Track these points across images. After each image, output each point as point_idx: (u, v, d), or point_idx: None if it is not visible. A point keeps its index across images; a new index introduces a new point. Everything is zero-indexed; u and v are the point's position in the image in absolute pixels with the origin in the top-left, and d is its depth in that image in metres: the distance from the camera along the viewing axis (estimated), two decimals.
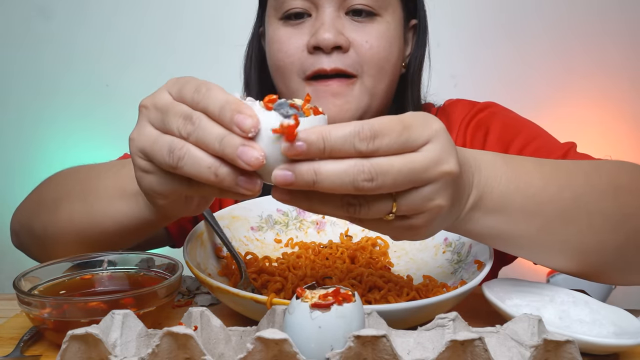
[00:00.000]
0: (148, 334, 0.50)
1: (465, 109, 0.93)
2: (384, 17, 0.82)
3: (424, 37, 0.91)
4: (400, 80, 0.90)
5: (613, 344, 0.52)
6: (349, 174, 0.43)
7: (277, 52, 0.84)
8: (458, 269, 0.69)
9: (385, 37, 0.82)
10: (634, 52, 1.93)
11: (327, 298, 0.45)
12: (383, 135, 0.43)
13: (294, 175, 0.43)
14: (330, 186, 0.43)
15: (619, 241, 0.60)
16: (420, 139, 0.45)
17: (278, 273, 0.68)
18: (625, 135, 1.94)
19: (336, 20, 0.80)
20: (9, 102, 2.03)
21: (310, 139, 0.42)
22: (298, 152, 0.42)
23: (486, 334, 0.50)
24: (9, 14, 2.00)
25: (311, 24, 0.81)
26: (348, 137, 0.43)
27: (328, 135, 0.43)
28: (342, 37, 0.79)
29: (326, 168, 0.43)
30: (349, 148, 0.43)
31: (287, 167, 0.43)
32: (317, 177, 0.43)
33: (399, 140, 0.44)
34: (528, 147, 0.83)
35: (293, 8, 0.81)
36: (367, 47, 0.80)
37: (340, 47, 0.79)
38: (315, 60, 0.80)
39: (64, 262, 0.65)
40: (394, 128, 0.44)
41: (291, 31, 0.83)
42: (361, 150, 0.43)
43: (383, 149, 0.44)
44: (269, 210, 0.79)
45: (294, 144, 0.42)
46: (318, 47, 0.79)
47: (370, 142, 0.43)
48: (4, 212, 0.95)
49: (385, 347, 0.43)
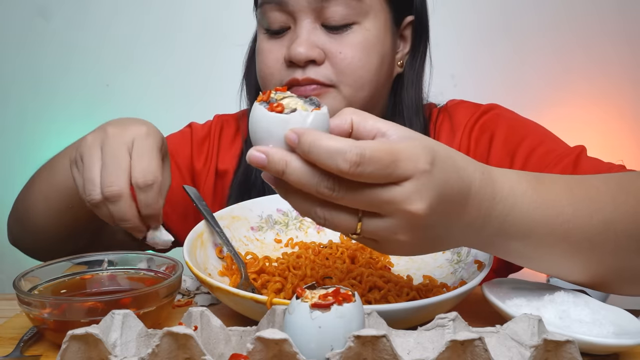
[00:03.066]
0: (148, 334, 0.50)
1: (469, 111, 0.91)
2: (362, 24, 0.81)
3: (421, 34, 0.90)
4: (398, 79, 0.89)
5: (613, 344, 0.52)
6: (315, 177, 0.45)
7: (260, 63, 0.86)
8: (458, 269, 0.69)
9: (362, 46, 0.81)
10: (633, 53, 1.93)
11: (327, 298, 0.45)
12: (368, 164, 0.44)
13: (267, 160, 0.46)
14: (296, 182, 0.46)
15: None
16: (403, 174, 0.46)
17: (278, 273, 0.68)
18: (625, 135, 1.94)
19: (312, 33, 0.80)
20: (9, 102, 2.03)
21: (301, 138, 0.45)
22: (292, 142, 0.45)
23: (486, 334, 0.50)
24: (9, 14, 2.00)
25: (289, 37, 0.82)
26: (333, 154, 0.44)
27: (315, 142, 0.44)
28: (316, 50, 0.79)
29: (296, 164, 0.45)
30: (330, 163, 0.44)
31: (263, 150, 0.46)
32: (286, 169, 0.45)
33: (383, 172, 0.45)
34: (535, 151, 0.82)
35: (273, 23, 0.82)
36: (341, 57, 0.80)
37: (314, 60, 0.80)
38: (291, 72, 0.81)
39: (64, 262, 0.65)
40: (382, 159, 0.44)
41: (272, 44, 0.83)
42: (341, 170, 0.44)
43: (365, 176, 0.44)
44: (269, 210, 0.79)
45: (290, 134, 0.45)
46: (292, 60, 0.80)
47: (354, 166, 0.44)
48: (4, 212, 0.95)
49: (385, 347, 0.43)
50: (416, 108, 0.90)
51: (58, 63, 1.99)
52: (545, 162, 0.80)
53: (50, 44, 1.99)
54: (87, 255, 0.67)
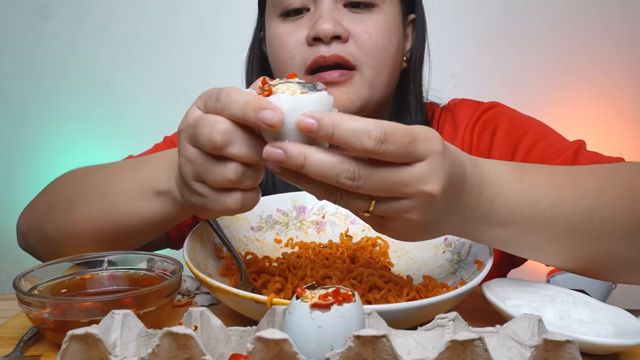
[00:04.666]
0: (148, 334, 0.50)
1: (471, 109, 0.93)
2: (381, 7, 0.83)
3: (422, 32, 0.91)
4: (402, 74, 0.91)
5: (613, 344, 0.52)
6: (335, 168, 0.46)
7: (277, 49, 0.85)
8: (458, 269, 0.69)
9: (384, 27, 0.83)
10: (634, 53, 1.92)
11: (327, 298, 0.45)
12: (392, 142, 0.45)
13: (285, 155, 0.46)
14: (316, 174, 0.46)
15: (633, 245, 0.60)
16: (420, 154, 0.47)
17: (278, 273, 0.68)
18: (625, 135, 1.93)
19: (334, 12, 0.81)
20: (9, 102, 2.03)
21: (322, 121, 0.45)
22: (308, 127, 0.45)
23: (486, 334, 0.50)
24: (8, 14, 2.00)
25: (309, 18, 0.82)
26: (357, 132, 0.44)
27: (339, 124, 0.45)
28: (341, 27, 0.80)
29: (316, 157, 0.46)
30: (355, 142, 0.45)
31: (280, 145, 0.46)
32: (305, 163, 0.46)
33: (403, 150, 0.46)
34: (536, 146, 0.83)
35: (292, 3, 0.82)
36: (366, 37, 0.81)
37: (340, 37, 0.80)
38: (315, 50, 0.81)
39: (64, 262, 0.65)
40: (403, 137, 0.46)
41: (291, 27, 0.83)
42: (367, 148, 0.45)
43: (387, 154, 0.45)
44: (269, 210, 0.79)
45: (306, 119, 0.45)
46: (317, 37, 0.80)
47: (379, 143, 0.44)
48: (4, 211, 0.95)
49: (385, 347, 0.43)
50: (417, 104, 0.91)
51: (57, 63, 1.99)
52: (546, 156, 0.80)
53: (49, 43, 1.99)
54: (87, 255, 0.66)
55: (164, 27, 1.96)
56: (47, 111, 2.01)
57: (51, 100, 2.01)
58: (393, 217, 0.50)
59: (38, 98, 2.02)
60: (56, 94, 2.00)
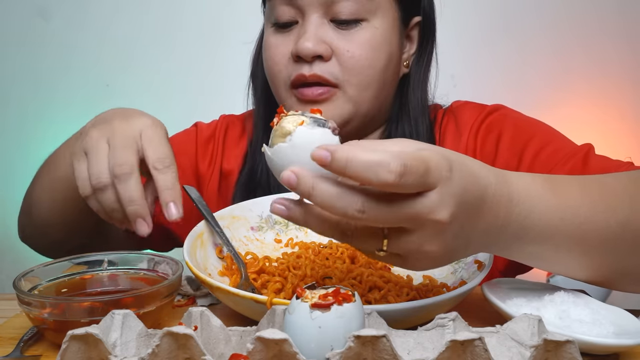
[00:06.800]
0: (148, 334, 0.50)
1: (474, 112, 0.91)
2: (371, 22, 0.81)
3: (428, 35, 0.90)
4: (404, 79, 0.89)
5: (613, 344, 0.52)
6: (342, 200, 0.44)
7: (267, 59, 0.85)
8: (458, 269, 0.69)
9: (370, 44, 0.81)
10: (633, 53, 1.93)
11: (327, 298, 0.45)
12: (410, 174, 0.43)
13: (297, 181, 0.45)
14: (322, 204, 0.45)
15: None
16: (432, 183, 0.45)
17: (278, 273, 0.68)
18: (625, 135, 1.93)
19: (320, 28, 0.80)
20: (9, 102, 2.03)
21: (337, 154, 0.43)
22: (322, 160, 0.43)
23: (486, 334, 0.50)
24: (9, 14, 2.00)
25: (297, 31, 0.82)
26: (373, 166, 0.42)
27: (354, 157, 0.42)
28: (323, 45, 0.79)
29: (323, 187, 0.44)
30: (370, 176, 0.42)
31: (295, 170, 0.45)
32: (312, 192, 0.44)
33: (418, 182, 0.43)
34: (543, 151, 0.81)
35: (281, 16, 0.82)
36: (348, 55, 0.80)
37: (321, 56, 0.79)
38: (298, 67, 0.81)
39: (64, 262, 0.65)
40: (419, 168, 0.43)
41: (280, 39, 0.83)
42: (385, 182, 0.42)
43: (405, 187, 0.43)
44: (269, 210, 0.79)
45: (321, 151, 0.43)
46: (299, 55, 0.80)
47: (398, 177, 0.42)
48: (4, 211, 0.95)
49: (385, 347, 0.43)
50: (422, 108, 0.89)
51: (58, 63, 1.98)
52: (554, 162, 0.79)
53: (50, 44, 1.99)
54: (87, 255, 0.66)
55: (164, 27, 1.96)
56: (47, 111, 2.01)
57: (51, 100, 2.01)
58: (409, 253, 0.48)
59: (38, 98, 2.01)
60: (56, 94, 2.00)
